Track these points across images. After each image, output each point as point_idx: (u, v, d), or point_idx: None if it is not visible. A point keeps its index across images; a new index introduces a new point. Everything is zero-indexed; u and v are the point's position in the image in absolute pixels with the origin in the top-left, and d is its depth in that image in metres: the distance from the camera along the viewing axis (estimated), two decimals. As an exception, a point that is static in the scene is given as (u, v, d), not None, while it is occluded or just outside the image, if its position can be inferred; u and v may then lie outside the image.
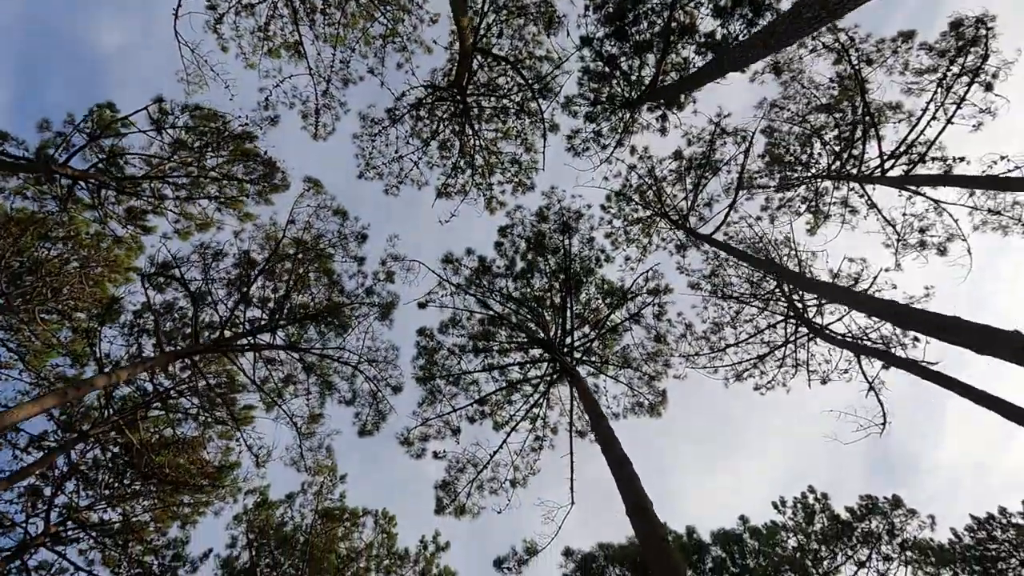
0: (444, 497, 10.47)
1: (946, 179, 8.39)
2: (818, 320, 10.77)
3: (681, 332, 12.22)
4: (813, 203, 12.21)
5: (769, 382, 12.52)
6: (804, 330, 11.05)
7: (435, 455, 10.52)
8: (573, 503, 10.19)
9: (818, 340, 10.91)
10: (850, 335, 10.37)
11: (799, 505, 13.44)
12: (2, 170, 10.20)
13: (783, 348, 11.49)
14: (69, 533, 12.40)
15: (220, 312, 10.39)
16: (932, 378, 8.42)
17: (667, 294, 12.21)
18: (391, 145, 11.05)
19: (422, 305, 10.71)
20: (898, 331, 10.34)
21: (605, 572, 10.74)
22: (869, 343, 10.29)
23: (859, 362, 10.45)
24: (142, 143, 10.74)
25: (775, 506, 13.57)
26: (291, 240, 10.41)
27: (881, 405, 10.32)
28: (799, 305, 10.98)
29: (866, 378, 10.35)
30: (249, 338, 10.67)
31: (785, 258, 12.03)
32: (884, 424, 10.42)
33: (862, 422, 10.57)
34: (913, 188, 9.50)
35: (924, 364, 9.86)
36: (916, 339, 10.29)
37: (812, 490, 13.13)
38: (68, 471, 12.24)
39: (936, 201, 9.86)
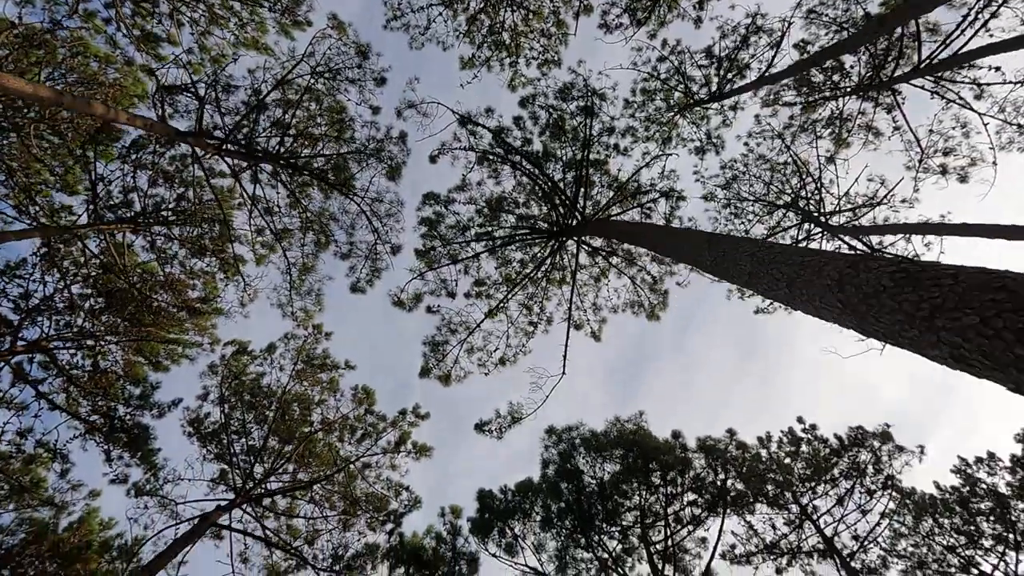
0: (431, 357, 10.11)
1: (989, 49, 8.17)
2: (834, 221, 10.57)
3: (690, 238, 11.96)
4: (836, 127, 12.04)
5: (771, 302, 12.29)
6: (819, 231, 10.84)
7: (428, 309, 10.16)
8: (564, 373, 9.90)
9: (831, 235, 10.70)
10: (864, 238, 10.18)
11: (785, 439, 13.22)
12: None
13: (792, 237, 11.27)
14: (33, 368, 11.93)
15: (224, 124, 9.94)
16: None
17: (680, 201, 12.02)
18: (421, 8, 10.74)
19: (433, 159, 10.36)
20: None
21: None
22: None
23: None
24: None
25: (760, 441, 13.34)
26: (307, 76, 10.02)
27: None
28: (814, 212, 10.78)
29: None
30: (251, 168, 10.26)
31: (805, 176, 11.84)
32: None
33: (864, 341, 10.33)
34: (949, 85, 9.35)
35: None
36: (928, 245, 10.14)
37: (801, 420, 12.91)
38: (42, 302, 11.77)
39: (969, 107, 9.67)
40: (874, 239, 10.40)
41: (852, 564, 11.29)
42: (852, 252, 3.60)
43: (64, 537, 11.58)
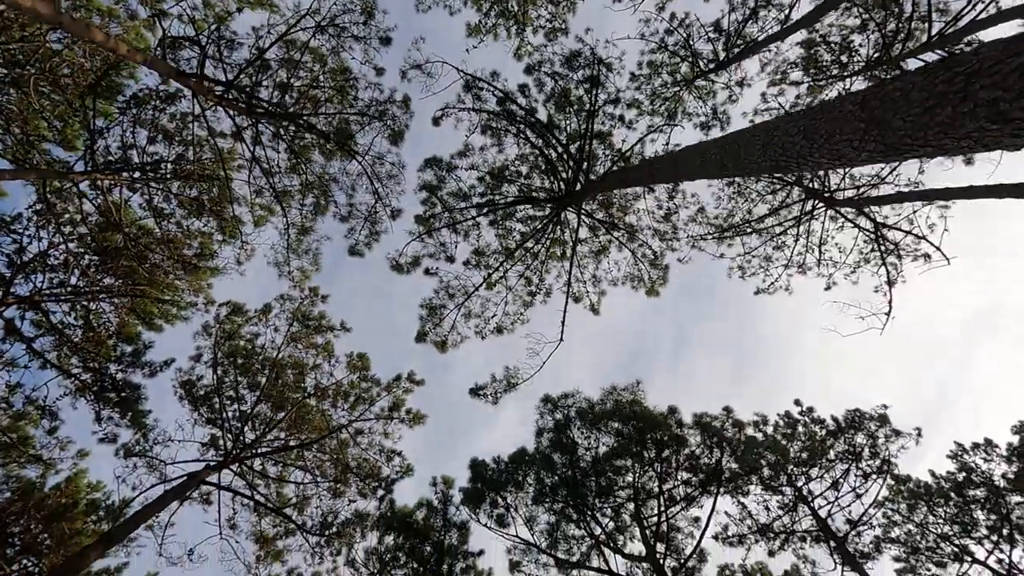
0: (428, 321, 9.99)
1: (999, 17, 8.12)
2: (839, 196, 10.48)
3: (692, 214, 11.90)
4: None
5: (774, 282, 12.22)
6: (822, 206, 10.75)
7: (427, 271, 10.06)
8: (562, 340, 9.81)
9: (835, 210, 10.61)
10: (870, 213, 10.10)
11: (781, 422, 13.14)
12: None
13: (796, 227, 11.17)
14: (25, 326, 11.80)
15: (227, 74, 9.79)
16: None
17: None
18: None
19: (436, 121, 10.25)
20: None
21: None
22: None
23: (878, 237, 10.13)
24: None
25: (755, 424, 13.25)
26: (311, 29, 9.91)
27: (890, 284, 10.04)
28: (816, 187, 10.70)
29: (881, 254, 10.05)
30: (253, 125, 10.14)
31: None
32: (888, 314, 10.13)
33: (864, 312, 10.27)
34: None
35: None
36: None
37: (798, 403, 12.83)
38: (36, 257, 11.63)
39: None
40: (883, 212, 10.32)
41: (847, 547, 11.21)
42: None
43: (50, 494, 11.45)
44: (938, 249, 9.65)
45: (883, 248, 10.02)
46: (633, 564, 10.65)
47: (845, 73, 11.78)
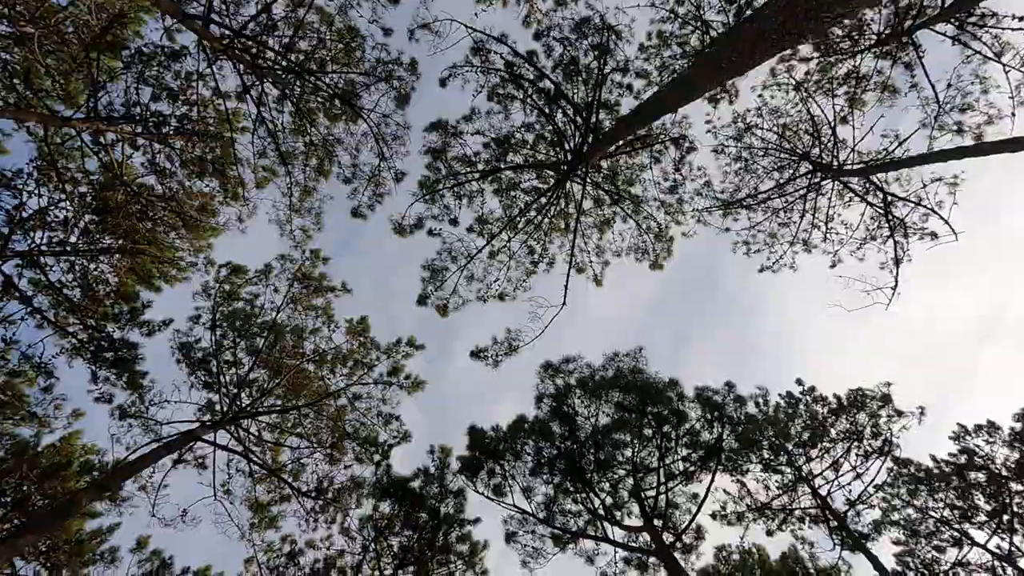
0: (430, 283, 9.89)
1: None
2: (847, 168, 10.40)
3: (698, 187, 11.82)
4: (852, 86, 11.89)
5: (778, 259, 12.13)
6: (829, 181, 10.66)
7: (430, 232, 9.96)
8: (565, 304, 9.72)
9: (841, 182, 10.52)
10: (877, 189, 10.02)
11: (783, 403, 13.04)
12: None
13: (803, 202, 11.09)
14: (23, 284, 11.70)
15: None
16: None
17: (691, 151, 11.88)
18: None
19: (443, 82, 10.16)
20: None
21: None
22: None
23: (886, 204, 10.03)
24: None
25: (757, 404, 13.15)
26: None
27: (896, 262, 9.95)
28: (823, 161, 10.62)
29: (889, 226, 9.96)
30: (259, 84, 10.05)
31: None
32: (894, 290, 10.04)
33: (869, 287, 10.19)
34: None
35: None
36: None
37: (800, 382, 12.74)
38: (36, 214, 11.52)
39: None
40: (891, 183, 10.25)
41: (848, 525, 11.11)
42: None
43: (44, 453, 11.34)
44: (946, 222, 9.57)
45: (891, 220, 9.93)
46: (630, 535, 10.56)
47: (856, 49, 11.71)
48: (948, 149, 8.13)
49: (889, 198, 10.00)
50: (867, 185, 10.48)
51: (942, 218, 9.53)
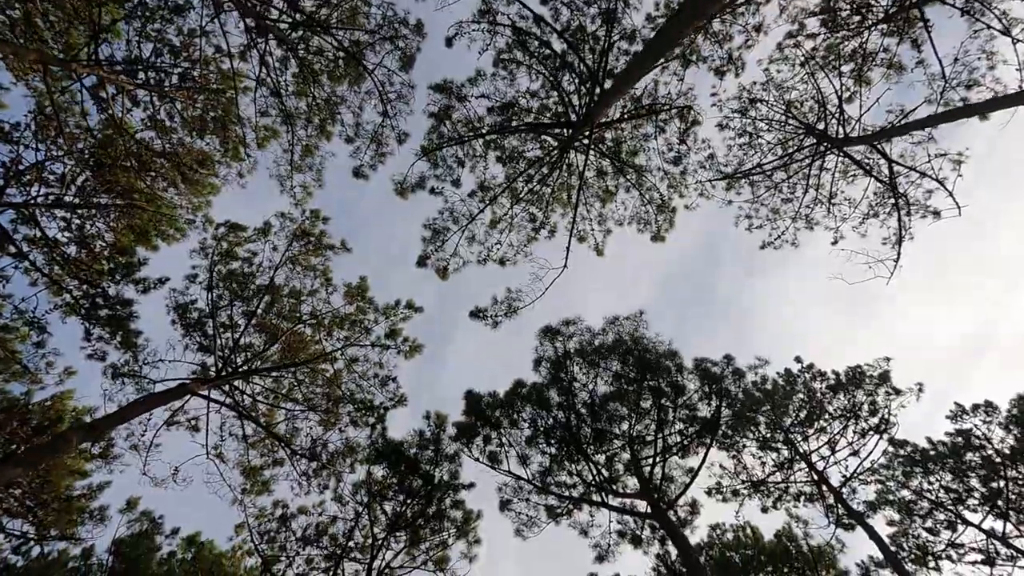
0: (431, 243, 9.80)
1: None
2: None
3: (701, 160, 11.77)
4: (858, 63, 11.86)
5: (780, 235, 12.09)
6: (834, 153, 10.63)
7: (432, 191, 9.88)
8: (566, 267, 9.65)
9: (846, 153, 10.48)
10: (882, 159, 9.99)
11: (781, 380, 13.01)
12: None
13: (806, 176, 11.05)
14: (17, 237, 11.56)
15: None
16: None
17: (696, 125, 11.83)
18: None
19: (449, 41, 10.07)
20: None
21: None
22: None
23: (891, 179, 10.00)
24: None
25: (755, 384, 13.10)
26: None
27: (900, 233, 9.92)
28: (828, 133, 10.59)
29: (894, 196, 9.92)
30: (263, 39, 9.94)
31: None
32: (897, 260, 10.01)
33: (871, 260, 10.16)
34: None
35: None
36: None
37: (799, 360, 12.71)
38: (33, 166, 11.38)
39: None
40: (896, 152, 10.22)
41: (846, 499, 11.08)
42: None
43: (35, 409, 11.20)
44: (950, 194, 9.54)
45: (895, 191, 9.90)
46: (626, 502, 10.50)
47: (864, 26, 11.68)
48: (957, 108, 8.10)
49: (895, 167, 9.96)
50: (871, 157, 10.45)
51: (947, 190, 9.52)
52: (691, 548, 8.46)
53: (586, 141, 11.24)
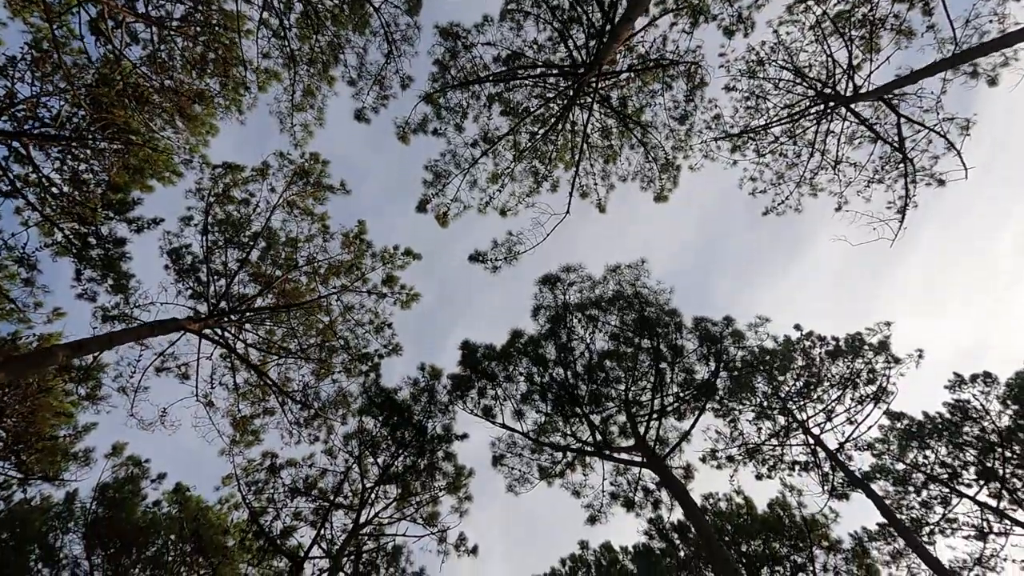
0: (432, 186, 9.64)
1: None
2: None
3: (707, 120, 11.66)
4: (868, 29, 11.78)
5: (784, 200, 11.99)
6: (841, 111, 10.53)
7: (435, 132, 9.72)
8: (568, 213, 9.51)
9: (852, 111, 10.38)
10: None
11: (779, 348, 12.89)
12: None
13: (814, 134, 10.96)
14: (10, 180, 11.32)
15: None
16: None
17: (702, 86, 11.71)
18: None
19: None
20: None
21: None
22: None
23: (899, 132, 9.90)
24: None
25: (753, 327, 12.89)
26: None
27: (906, 199, 9.84)
28: (836, 92, 10.50)
29: (902, 152, 9.82)
30: None
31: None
32: (901, 222, 9.92)
33: (876, 223, 10.07)
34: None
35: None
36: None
37: (798, 328, 12.61)
38: (28, 100, 11.14)
39: None
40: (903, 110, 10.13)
41: (845, 464, 10.98)
42: None
43: (22, 347, 10.98)
44: (958, 153, 9.46)
45: (903, 150, 9.80)
46: (622, 453, 10.36)
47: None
48: (970, 49, 8.01)
49: (903, 126, 9.87)
50: (879, 119, 10.37)
51: (955, 148, 9.42)
52: (688, 495, 8.34)
53: (590, 98, 11.11)
